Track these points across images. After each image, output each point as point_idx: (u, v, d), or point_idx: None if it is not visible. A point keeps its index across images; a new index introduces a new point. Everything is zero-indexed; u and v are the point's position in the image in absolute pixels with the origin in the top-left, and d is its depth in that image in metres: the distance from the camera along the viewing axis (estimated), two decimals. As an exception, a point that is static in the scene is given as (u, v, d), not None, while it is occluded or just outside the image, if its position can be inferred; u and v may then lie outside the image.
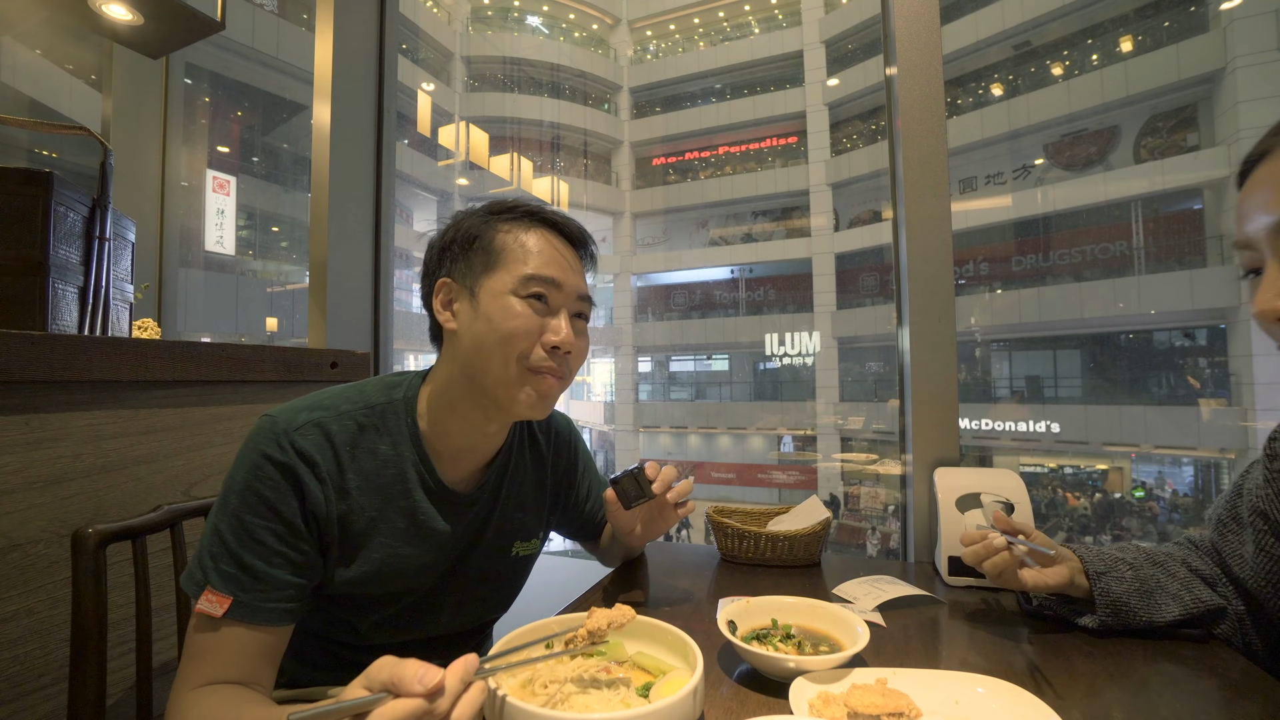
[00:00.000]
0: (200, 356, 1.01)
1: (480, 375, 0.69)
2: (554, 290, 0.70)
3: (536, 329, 0.69)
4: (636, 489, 0.84)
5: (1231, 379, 10.27)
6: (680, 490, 0.87)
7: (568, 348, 0.70)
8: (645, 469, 0.84)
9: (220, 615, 0.59)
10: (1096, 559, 0.79)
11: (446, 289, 0.72)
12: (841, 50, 16.53)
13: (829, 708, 0.56)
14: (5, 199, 0.91)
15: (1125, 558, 0.80)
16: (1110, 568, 0.78)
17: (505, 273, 0.69)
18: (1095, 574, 0.77)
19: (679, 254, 19.00)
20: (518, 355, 0.68)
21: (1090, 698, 0.62)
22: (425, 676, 0.43)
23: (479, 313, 0.69)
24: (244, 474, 0.63)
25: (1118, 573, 0.77)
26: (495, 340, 0.68)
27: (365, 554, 0.69)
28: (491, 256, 0.70)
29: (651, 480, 0.84)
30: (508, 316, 0.68)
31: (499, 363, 0.68)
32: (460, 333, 0.70)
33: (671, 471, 0.86)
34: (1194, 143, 11.07)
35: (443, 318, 0.72)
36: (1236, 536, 0.75)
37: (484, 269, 0.70)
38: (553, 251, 0.72)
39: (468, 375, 0.71)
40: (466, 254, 0.71)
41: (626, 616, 0.59)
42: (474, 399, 0.72)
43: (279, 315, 10.50)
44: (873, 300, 15.46)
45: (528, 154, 17.26)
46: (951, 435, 1.37)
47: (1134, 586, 0.77)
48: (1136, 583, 0.77)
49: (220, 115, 10.51)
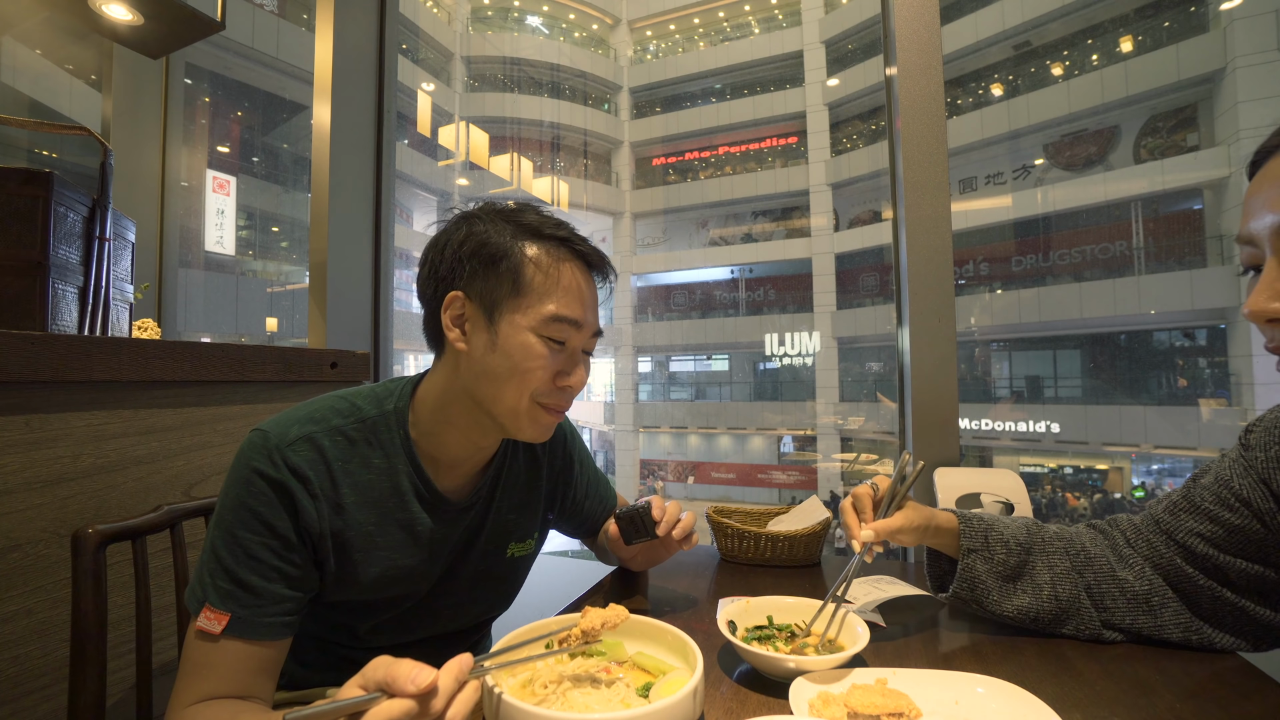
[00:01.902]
0: (200, 356, 1.01)
1: (488, 403, 0.69)
2: (574, 333, 0.70)
3: (553, 370, 0.69)
4: (640, 529, 0.84)
5: (1231, 379, 10.28)
6: (683, 527, 0.87)
7: (578, 388, 0.72)
8: (651, 508, 0.84)
9: (218, 632, 0.58)
10: (976, 534, 0.79)
11: (459, 304, 0.69)
12: (841, 50, 16.54)
13: (829, 708, 0.56)
14: (5, 199, 0.91)
15: (1008, 536, 0.78)
16: (984, 545, 0.78)
17: (531, 308, 0.67)
18: (966, 550, 0.78)
19: (679, 254, 19.01)
20: (530, 391, 0.68)
21: (1090, 698, 0.62)
22: (418, 676, 0.43)
23: (497, 344, 0.67)
24: (237, 490, 0.63)
25: (988, 552, 0.77)
26: (510, 376, 0.67)
27: (364, 567, 0.69)
28: (517, 285, 0.67)
29: (656, 521, 0.84)
30: (527, 357, 0.67)
31: (511, 396, 0.68)
32: (472, 356, 0.69)
33: (675, 510, 0.86)
34: (1194, 143, 11.07)
35: (452, 334, 0.69)
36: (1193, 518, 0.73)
37: (507, 295, 0.67)
38: (579, 289, 0.70)
39: (473, 397, 0.70)
40: (487, 272, 0.68)
41: (620, 616, 0.59)
42: (474, 416, 0.71)
43: (279, 315, 10.51)
44: (873, 300, 15.46)
45: (528, 154, 17.29)
46: (951, 435, 1.37)
47: (998, 570, 0.77)
48: (1002, 567, 0.77)
49: (220, 115, 10.51)
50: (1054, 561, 0.78)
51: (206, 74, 9.45)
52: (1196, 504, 0.72)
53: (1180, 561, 0.72)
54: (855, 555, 0.76)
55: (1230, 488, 0.69)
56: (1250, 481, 0.67)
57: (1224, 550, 0.69)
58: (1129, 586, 0.74)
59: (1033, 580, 0.77)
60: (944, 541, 0.80)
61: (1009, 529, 0.79)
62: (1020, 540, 0.78)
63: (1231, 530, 0.68)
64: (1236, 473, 0.69)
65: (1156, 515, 0.76)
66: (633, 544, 0.86)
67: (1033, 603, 0.76)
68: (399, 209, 15.21)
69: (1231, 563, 0.69)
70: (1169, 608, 0.73)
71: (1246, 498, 0.67)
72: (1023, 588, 0.77)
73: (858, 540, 0.75)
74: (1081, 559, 0.78)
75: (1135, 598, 0.74)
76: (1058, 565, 0.77)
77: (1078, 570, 0.77)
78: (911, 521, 0.77)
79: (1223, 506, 0.69)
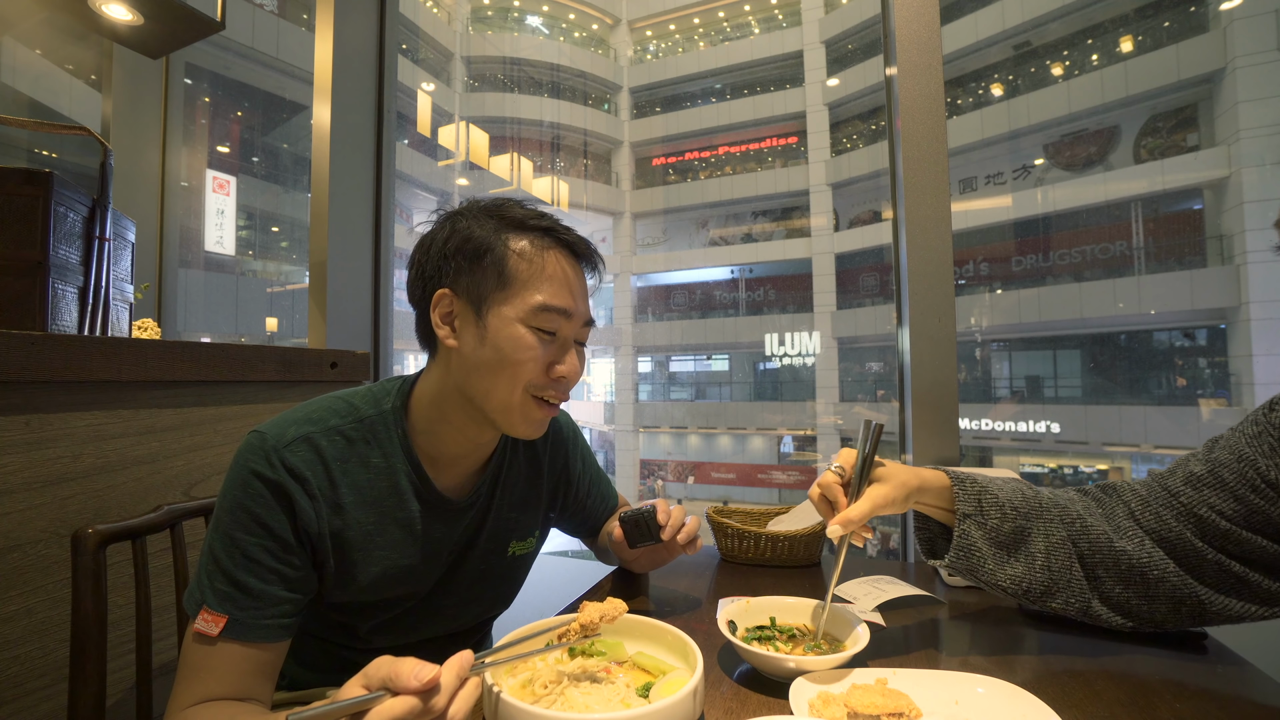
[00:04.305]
0: (200, 356, 1.01)
1: (481, 399, 0.69)
2: (564, 322, 0.69)
3: (545, 361, 0.68)
4: (644, 532, 0.84)
5: (1231, 379, 10.27)
6: (688, 532, 0.86)
7: (573, 379, 0.71)
8: (656, 512, 0.84)
9: (216, 634, 0.58)
10: (970, 497, 0.75)
11: (447, 301, 0.69)
12: (841, 50, 16.54)
13: (829, 708, 0.56)
14: (5, 199, 0.92)
15: (1002, 500, 0.75)
16: (979, 510, 0.74)
17: (517, 298, 0.67)
18: (961, 514, 0.74)
19: (679, 254, 19.00)
20: (523, 384, 0.68)
21: (1090, 698, 0.62)
22: (421, 673, 0.44)
23: (486, 338, 0.67)
24: (234, 492, 0.63)
25: (982, 517, 0.74)
26: (502, 369, 0.67)
27: (364, 567, 0.69)
28: (503, 277, 0.67)
29: (662, 525, 0.84)
30: (517, 349, 0.67)
31: (503, 390, 0.68)
32: (463, 352, 0.69)
33: (680, 514, 0.86)
34: (1194, 143, 11.06)
35: (442, 332, 0.70)
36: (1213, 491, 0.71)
37: (494, 289, 0.67)
38: (566, 278, 0.70)
39: (466, 394, 0.70)
40: (474, 267, 0.68)
41: (618, 610, 0.59)
42: (469, 413, 0.71)
43: (279, 315, 10.51)
44: (873, 300, 15.46)
45: (528, 154, 17.28)
46: (951, 435, 1.37)
47: (992, 537, 0.74)
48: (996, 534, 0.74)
49: (220, 115, 10.51)
50: (1050, 530, 0.75)
51: (206, 74, 9.45)
52: (1222, 480, 0.70)
53: (1190, 535, 0.71)
54: (839, 547, 0.73)
55: (1256, 468, 0.67)
56: (1278, 463, 0.66)
57: (1245, 527, 0.68)
58: (1125, 557, 0.72)
59: (1027, 549, 0.74)
60: (932, 501, 0.76)
61: (1003, 491, 0.76)
62: (1015, 505, 0.75)
63: (1254, 510, 0.67)
64: (1261, 452, 0.67)
65: (1172, 488, 0.73)
66: (637, 547, 0.86)
67: (1026, 572, 0.73)
68: (399, 209, 15.18)
69: (1251, 539, 0.67)
70: (1166, 582, 0.71)
71: (1274, 479, 0.66)
72: (1017, 556, 0.74)
73: (832, 535, 0.72)
74: (1078, 527, 0.75)
75: (1131, 569, 0.72)
76: (1054, 534, 0.75)
77: (1073, 540, 0.74)
78: (888, 497, 0.72)
79: (1249, 488, 0.67)
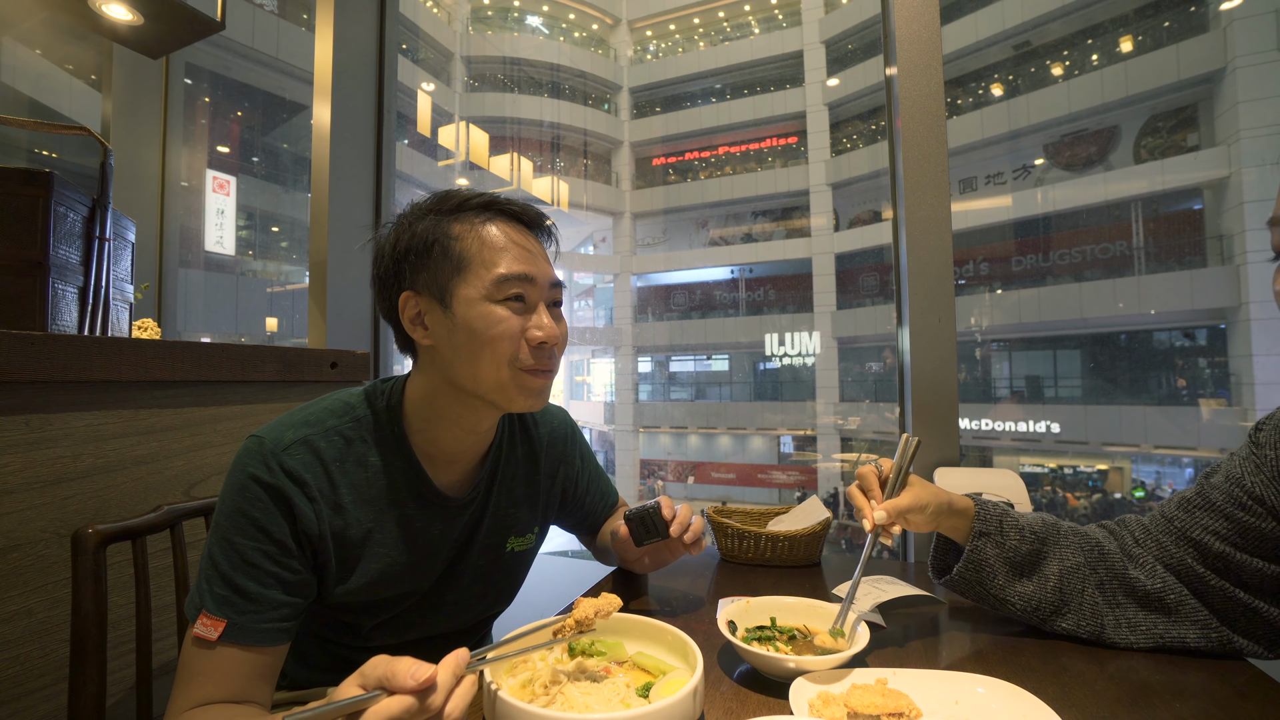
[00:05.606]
0: (200, 356, 1.01)
1: (471, 384, 0.68)
2: (529, 287, 0.69)
3: (519, 330, 0.68)
4: (651, 529, 0.84)
5: (1231, 379, 10.27)
6: (694, 531, 0.86)
7: (553, 341, 0.70)
8: (661, 508, 0.84)
9: (215, 638, 0.58)
10: (991, 518, 0.77)
11: (413, 303, 0.69)
12: (841, 50, 16.53)
13: (829, 708, 0.56)
14: (5, 199, 0.92)
15: (1023, 524, 0.77)
16: (998, 530, 0.77)
17: (476, 278, 0.67)
18: (978, 533, 0.76)
19: (679, 254, 19.00)
20: (507, 359, 0.67)
21: (1091, 698, 0.61)
22: (417, 672, 0.44)
23: (457, 324, 0.67)
24: (233, 497, 0.63)
25: (1001, 536, 0.76)
26: (481, 349, 0.66)
27: (364, 565, 0.69)
28: (456, 261, 0.67)
29: (667, 521, 0.83)
30: (490, 324, 0.66)
31: (489, 370, 0.67)
32: (439, 346, 0.68)
33: (687, 512, 0.86)
34: (1194, 143, 11.06)
35: (416, 334, 0.69)
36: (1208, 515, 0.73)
37: (451, 276, 0.67)
38: (518, 245, 0.69)
39: (455, 385, 0.69)
40: (426, 262, 0.68)
41: (613, 605, 0.59)
42: (464, 402, 0.71)
43: (279, 315, 10.50)
44: (873, 300, 15.45)
45: (528, 154, 17.26)
46: (951, 435, 1.37)
47: (1008, 556, 0.76)
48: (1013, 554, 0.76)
49: (220, 115, 10.51)
50: (1066, 555, 0.76)
51: (206, 74, 9.45)
52: (1211, 500, 0.71)
53: (1191, 561, 0.71)
54: (869, 537, 0.74)
55: (1242, 486, 0.68)
56: (1263, 479, 0.67)
57: (1240, 549, 0.68)
58: (1140, 585, 0.73)
59: (1040, 571, 0.76)
60: (958, 525, 0.78)
61: (1025, 518, 0.78)
62: (1035, 530, 0.77)
63: (1245, 529, 0.68)
64: (1248, 470, 0.69)
65: (1168, 513, 0.75)
66: (643, 545, 0.85)
67: (1036, 590, 0.75)
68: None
69: (1248, 561, 0.68)
70: (1186, 604, 0.71)
71: (1260, 495, 0.67)
72: (1029, 576, 0.76)
73: (870, 521, 0.73)
74: (1095, 555, 0.76)
75: (1148, 596, 0.73)
76: (1069, 560, 0.76)
77: (1090, 566, 0.76)
78: (922, 500, 0.74)
79: (1236, 505, 0.68)
